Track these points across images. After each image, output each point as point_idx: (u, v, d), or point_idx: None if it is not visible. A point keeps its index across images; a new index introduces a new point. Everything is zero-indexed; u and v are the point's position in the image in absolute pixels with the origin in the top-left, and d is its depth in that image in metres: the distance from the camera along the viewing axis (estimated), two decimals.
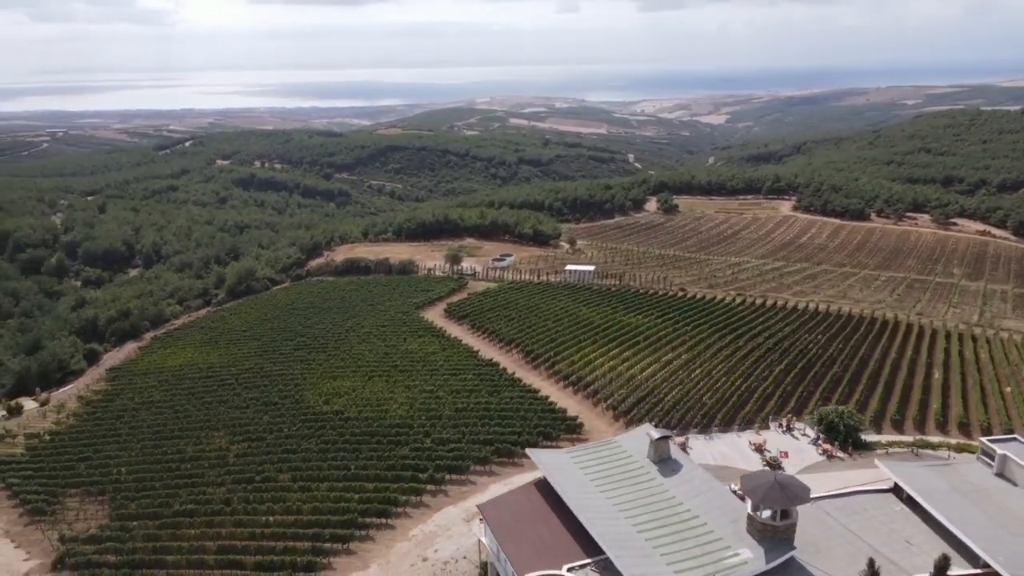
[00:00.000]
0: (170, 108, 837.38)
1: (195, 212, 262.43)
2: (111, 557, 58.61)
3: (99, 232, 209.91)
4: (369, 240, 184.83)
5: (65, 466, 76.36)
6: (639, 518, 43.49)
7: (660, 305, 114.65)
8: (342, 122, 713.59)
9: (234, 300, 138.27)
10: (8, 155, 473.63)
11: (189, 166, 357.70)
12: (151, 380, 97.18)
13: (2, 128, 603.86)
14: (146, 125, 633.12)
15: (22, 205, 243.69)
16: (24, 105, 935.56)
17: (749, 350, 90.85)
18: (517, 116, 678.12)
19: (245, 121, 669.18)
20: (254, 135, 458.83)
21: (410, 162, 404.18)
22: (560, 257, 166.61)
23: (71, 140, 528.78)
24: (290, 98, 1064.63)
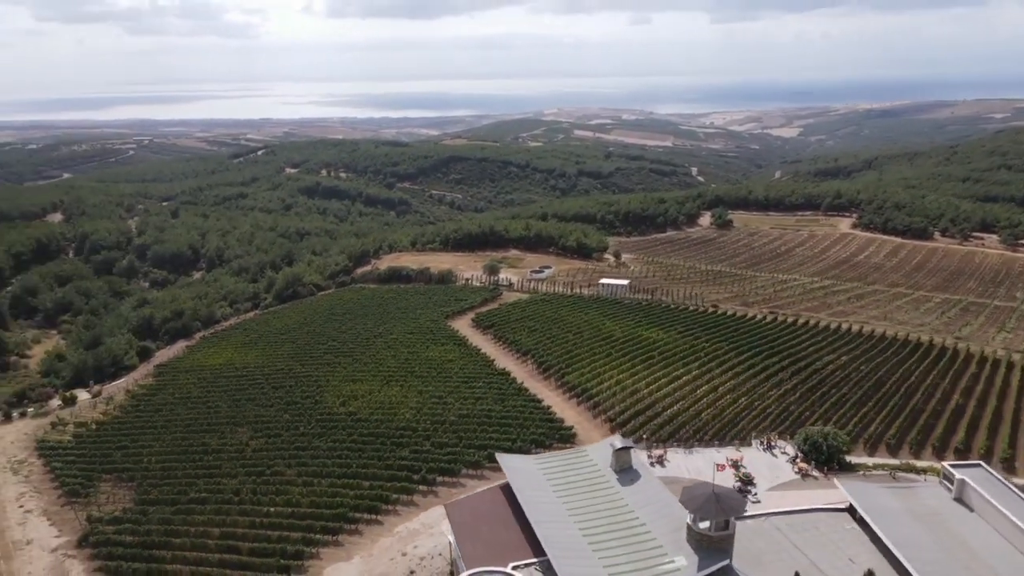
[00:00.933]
0: (249, 118, 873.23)
1: (260, 218, 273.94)
2: (128, 537, 63.94)
3: (168, 236, 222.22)
4: (416, 249, 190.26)
5: (103, 453, 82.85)
6: (588, 523, 45.57)
7: (685, 321, 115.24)
8: (411, 132, 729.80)
9: (281, 304, 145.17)
10: (97, 161, 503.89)
11: (259, 174, 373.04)
12: (192, 377, 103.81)
13: (94, 136, 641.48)
14: (225, 134, 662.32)
15: (102, 209, 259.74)
16: (117, 114, 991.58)
17: (762, 368, 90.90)
18: (582, 128, 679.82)
19: (318, 131, 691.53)
20: (323, 144, 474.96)
21: (471, 172, 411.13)
22: (601, 270, 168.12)
23: (155, 148, 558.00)
24: (363, 108, 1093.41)
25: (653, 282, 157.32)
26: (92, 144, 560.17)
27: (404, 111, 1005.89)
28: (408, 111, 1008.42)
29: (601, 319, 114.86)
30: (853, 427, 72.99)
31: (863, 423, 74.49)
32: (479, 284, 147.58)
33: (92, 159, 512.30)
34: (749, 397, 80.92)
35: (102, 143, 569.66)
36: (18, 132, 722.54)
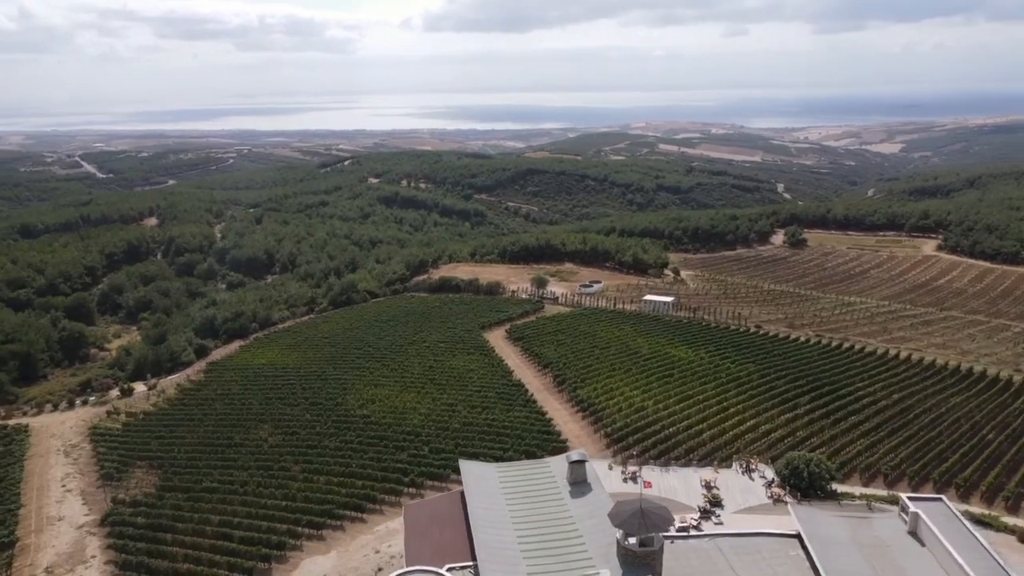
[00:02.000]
0: (344, 129, 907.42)
1: (337, 226, 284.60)
2: (140, 519, 69.27)
3: (247, 241, 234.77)
4: (474, 261, 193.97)
5: (142, 441, 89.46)
6: (527, 531, 46.76)
7: (720, 340, 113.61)
8: (497, 144, 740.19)
9: (334, 309, 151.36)
10: (199, 169, 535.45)
11: (343, 183, 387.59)
12: (236, 375, 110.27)
13: (200, 145, 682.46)
14: (319, 144, 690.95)
15: (192, 214, 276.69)
16: (224, 125, 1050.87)
17: (783, 391, 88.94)
18: (668, 142, 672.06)
19: (407, 142, 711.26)
20: (407, 155, 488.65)
21: (548, 185, 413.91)
22: (654, 287, 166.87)
23: (253, 157, 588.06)
24: (454, 120, 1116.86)
25: (706, 300, 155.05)
26: (197, 153, 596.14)
27: (492, 123, 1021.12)
28: (497, 123, 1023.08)
29: (633, 335, 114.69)
30: (857, 455, 70.69)
31: (866, 451, 72.01)
32: (525, 296, 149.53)
33: (196, 167, 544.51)
34: (757, 420, 79.51)
35: (206, 152, 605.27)
36: (134, 141, 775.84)
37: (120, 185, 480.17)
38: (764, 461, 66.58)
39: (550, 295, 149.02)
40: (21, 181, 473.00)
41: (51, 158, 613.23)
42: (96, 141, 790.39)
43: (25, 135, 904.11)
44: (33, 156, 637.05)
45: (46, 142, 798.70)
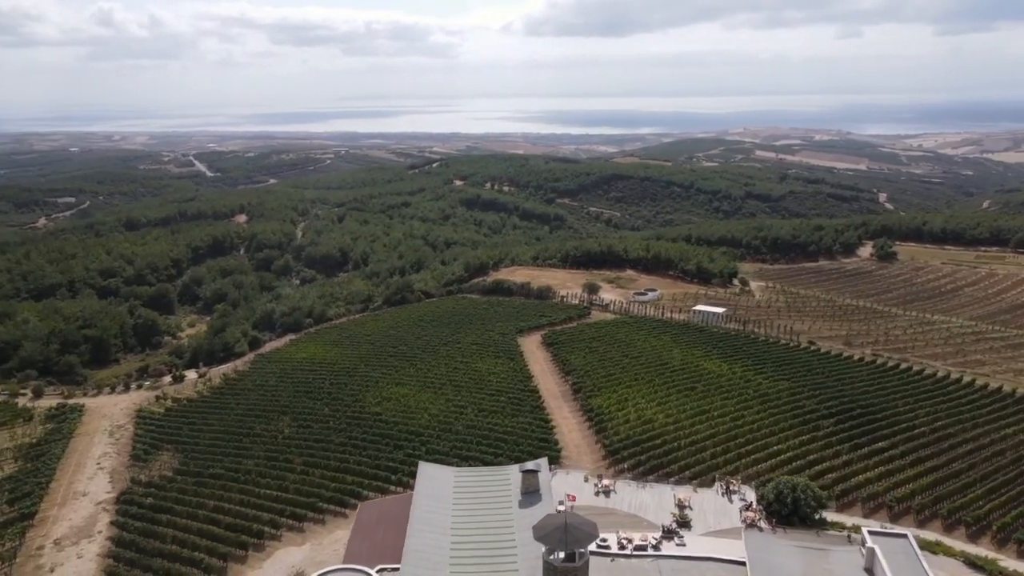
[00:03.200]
0: (440, 131, 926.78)
1: (415, 227, 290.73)
2: (148, 500, 72.92)
3: (323, 239, 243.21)
4: (536, 264, 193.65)
5: (175, 426, 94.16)
6: (464, 538, 46.21)
7: (761, 355, 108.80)
8: (589, 149, 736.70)
9: (388, 307, 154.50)
10: (299, 169, 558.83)
11: (428, 184, 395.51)
12: (276, 368, 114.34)
13: (302, 146, 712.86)
14: (414, 146, 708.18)
15: (278, 212, 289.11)
16: (328, 127, 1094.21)
17: (810, 410, 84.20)
18: (766, 148, 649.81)
19: (500, 145, 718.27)
20: (494, 159, 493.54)
21: (632, 191, 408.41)
22: (716, 297, 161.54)
23: (349, 158, 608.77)
24: (549, 125, 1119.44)
25: (767, 313, 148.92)
26: (297, 153, 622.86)
27: (587, 128, 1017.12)
28: (592, 128, 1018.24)
29: (670, 346, 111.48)
30: (865, 483, 65.96)
31: (878, 480, 66.98)
32: (575, 302, 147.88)
33: (296, 167, 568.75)
34: (769, 439, 75.57)
35: (306, 153, 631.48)
36: (244, 142, 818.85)
37: (225, 183, 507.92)
38: (747, 482, 63.05)
39: (599, 301, 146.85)
40: (138, 178, 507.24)
41: (168, 157, 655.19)
42: (210, 141, 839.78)
43: (149, 135, 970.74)
44: (153, 155, 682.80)
45: (167, 142, 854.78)
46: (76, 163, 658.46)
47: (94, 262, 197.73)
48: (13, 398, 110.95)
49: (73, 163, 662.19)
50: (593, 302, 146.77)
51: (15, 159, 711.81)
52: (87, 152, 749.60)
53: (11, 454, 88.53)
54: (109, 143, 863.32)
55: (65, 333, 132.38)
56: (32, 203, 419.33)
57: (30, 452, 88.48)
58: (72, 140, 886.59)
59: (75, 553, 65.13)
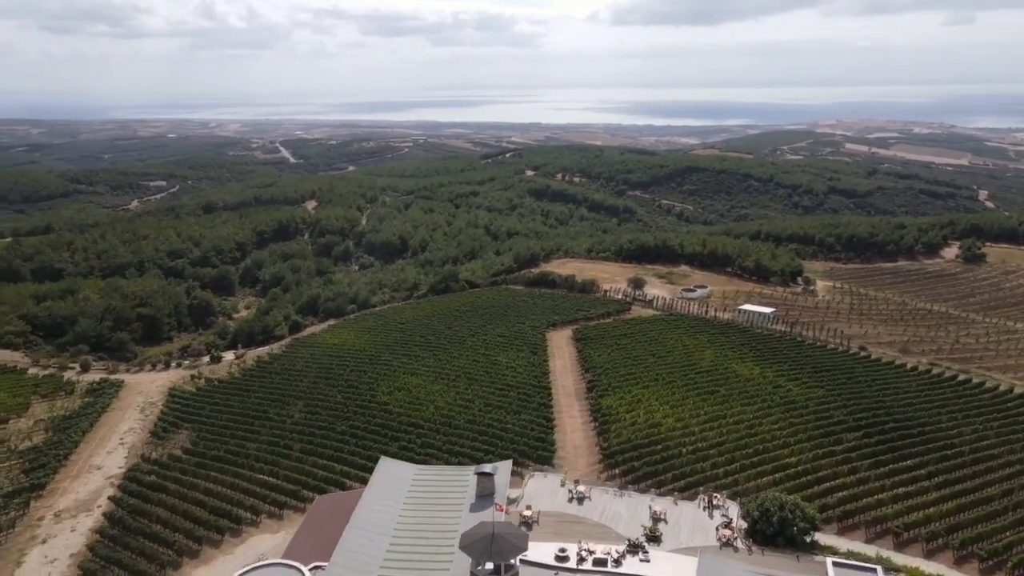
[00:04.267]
0: (519, 121, 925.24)
1: (480, 216, 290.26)
2: (148, 478, 74.52)
3: (385, 227, 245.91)
4: (589, 257, 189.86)
5: (198, 406, 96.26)
6: (404, 539, 44.54)
7: (800, 360, 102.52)
8: (670, 141, 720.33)
9: (433, 296, 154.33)
10: (377, 157, 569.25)
11: (499, 174, 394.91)
12: (307, 352, 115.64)
13: (383, 135, 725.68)
14: (492, 136, 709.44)
15: (346, 199, 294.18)
16: (411, 116, 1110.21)
17: (837, 420, 78.45)
18: (857, 142, 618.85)
19: (578, 136, 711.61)
20: (568, 149, 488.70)
21: (707, 184, 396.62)
22: (773, 296, 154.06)
23: (427, 147, 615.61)
24: (633, 116, 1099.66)
25: (826, 315, 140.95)
26: (377, 142, 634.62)
27: (670, 119, 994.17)
28: (675, 119, 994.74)
29: (703, 346, 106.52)
30: (876, 505, 60.44)
31: (891, 502, 61.17)
32: (619, 297, 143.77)
33: (375, 155, 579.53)
34: (781, 451, 70.56)
35: (386, 141, 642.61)
36: (329, 130, 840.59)
37: (306, 170, 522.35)
38: (737, 497, 58.67)
39: (643, 296, 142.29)
40: (226, 164, 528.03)
41: (256, 144, 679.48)
42: (298, 129, 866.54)
43: (242, 123, 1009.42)
44: (243, 142, 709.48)
45: (258, 129, 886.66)
46: (172, 149, 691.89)
47: (164, 243, 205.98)
48: (61, 371, 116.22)
49: (169, 149, 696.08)
50: (637, 297, 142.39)
51: (118, 144, 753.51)
52: (183, 139, 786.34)
53: (43, 425, 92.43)
54: (205, 130, 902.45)
55: (119, 311, 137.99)
56: (127, 186, 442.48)
57: (60, 424, 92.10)
58: (171, 127, 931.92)
59: (70, 526, 67.07)
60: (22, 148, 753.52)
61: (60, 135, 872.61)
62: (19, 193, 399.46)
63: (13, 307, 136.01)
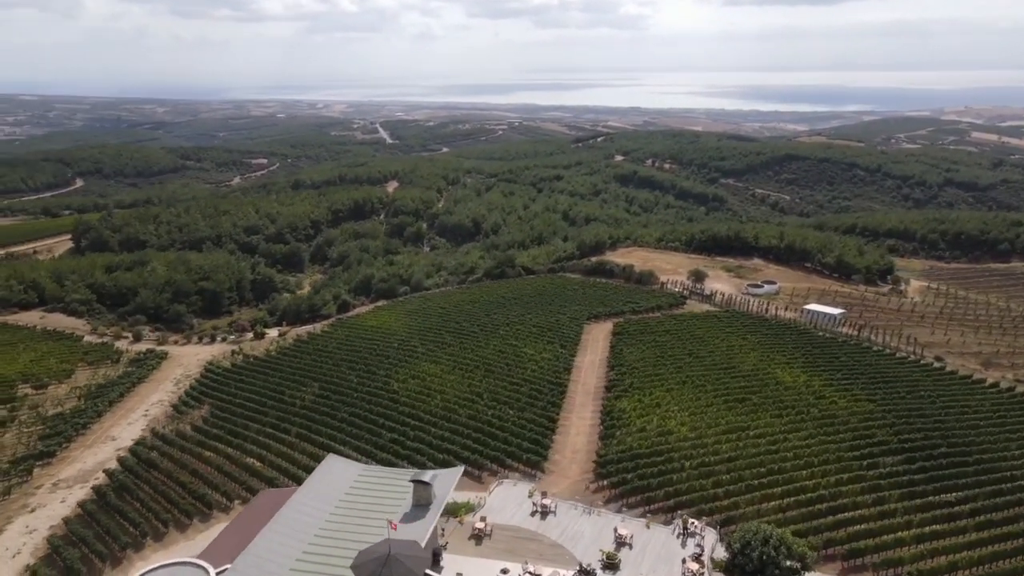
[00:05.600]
0: (618, 105, 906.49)
1: (559, 201, 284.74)
2: (151, 453, 74.82)
3: (459, 209, 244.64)
4: (658, 247, 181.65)
5: (225, 381, 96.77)
6: (321, 547, 41.49)
7: (859, 368, 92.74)
8: (775, 127, 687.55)
9: (488, 281, 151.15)
10: (471, 139, 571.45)
11: (587, 159, 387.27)
12: (344, 333, 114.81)
13: (479, 117, 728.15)
14: (589, 120, 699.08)
15: (427, 180, 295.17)
16: (510, 99, 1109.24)
17: (878, 441, 69.62)
18: (987, 130, 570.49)
19: (677, 121, 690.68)
20: (662, 135, 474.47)
21: (807, 173, 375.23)
22: (855, 296, 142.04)
23: (521, 130, 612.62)
24: (741, 100, 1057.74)
25: (908, 318, 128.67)
26: (473, 124, 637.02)
27: (779, 105, 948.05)
28: (786, 105, 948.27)
29: (750, 348, 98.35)
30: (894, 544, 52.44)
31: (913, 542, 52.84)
32: (677, 290, 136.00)
33: (468, 137, 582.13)
34: (801, 471, 62.94)
35: (481, 124, 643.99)
36: (429, 112, 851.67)
37: (401, 150, 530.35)
38: (715, 524, 52.06)
39: (701, 291, 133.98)
40: (325, 143, 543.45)
41: (357, 124, 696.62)
42: (399, 111, 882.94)
43: (347, 104, 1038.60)
44: (345, 122, 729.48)
45: (361, 110, 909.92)
46: (280, 128, 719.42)
47: (242, 219, 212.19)
48: (115, 340, 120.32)
49: (277, 128, 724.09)
50: (695, 291, 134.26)
51: (231, 123, 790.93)
52: (291, 118, 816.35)
53: (79, 392, 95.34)
54: (312, 111, 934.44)
55: (178, 283, 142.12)
56: (231, 163, 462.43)
57: (94, 392, 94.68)
58: (282, 107, 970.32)
59: (62, 497, 68.01)
60: (147, 125, 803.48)
61: (182, 114, 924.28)
62: (134, 168, 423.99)
63: (82, 276, 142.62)
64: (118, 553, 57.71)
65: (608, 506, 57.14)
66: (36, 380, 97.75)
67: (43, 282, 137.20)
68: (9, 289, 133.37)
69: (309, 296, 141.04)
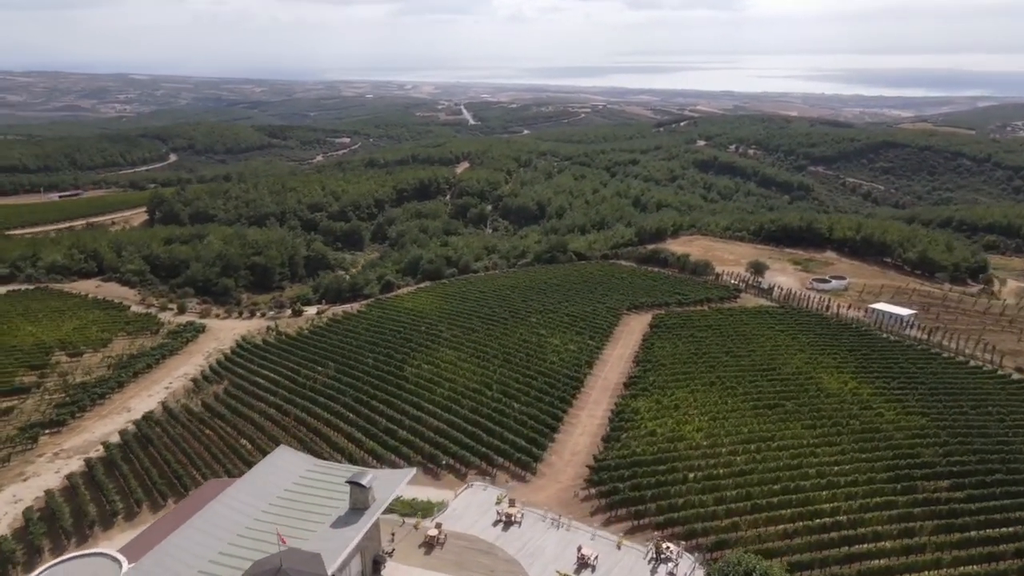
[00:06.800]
0: (709, 89, 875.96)
1: (632, 186, 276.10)
2: (152, 429, 74.16)
3: (525, 191, 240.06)
4: (724, 236, 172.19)
5: (249, 358, 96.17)
6: (242, 547, 38.36)
7: (920, 377, 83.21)
8: (877, 113, 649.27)
9: (537, 265, 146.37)
10: (553, 121, 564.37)
11: (666, 143, 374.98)
12: (378, 313, 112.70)
13: (564, 100, 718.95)
14: (676, 103, 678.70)
15: (499, 161, 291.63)
16: (598, 82, 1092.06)
17: (925, 463, 61.21)
18: None
19: (771, 106, 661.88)
20: (749, 120, 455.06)
21: (905, 162, 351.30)
22: (935, 296, 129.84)
23: (605, 113, 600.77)
24: (846, 85, 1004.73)
25: (999, 322, 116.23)
26: (555, 107, 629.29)
27: (885, 89, 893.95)
28: (892, 89, 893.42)
29: (799, 349, 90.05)
30: None
31: None
32: (733, 282, 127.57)
33: (550, 119, 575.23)
34: (822, 491, 55.69)
35: (564, 106, 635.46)
36: (515, 94, 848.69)
37: (482, 132, 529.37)
38: (695, 549, 45.79)
39: (759, 284, 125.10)
40: (407, 124, 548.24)
41: (442, 106, 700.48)
42: (485, 92, 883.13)
43: (435, 86, 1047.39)
44: (430, 103, 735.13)
45: (448, 92, 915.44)
46: (367, 109, 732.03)
47: (307, 196, 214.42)
48: (160, 311, 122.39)
49: (365, 108, 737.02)
50: (751, 284, 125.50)
51: (322, 103, 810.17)
52: (379, 99, 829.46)
53: (109, 362, 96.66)
54: (401, 92, 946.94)
55: (228, 257, 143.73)
56: (315, 142, 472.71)
57: (123, 363, 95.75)
58: (372, 88, 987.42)
59: (58, 467, 68.09)
60: (244, 104, 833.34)
61: (277, 94, 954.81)
62: (223, 145, 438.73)
63: (139, 247, 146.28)
64: (86, 530, 56.84)
65: (593, 518, 51.91)
66: (72, 348, 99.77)
67: (103, 252, 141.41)
68: (71, 258, 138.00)
69: (353, 275, 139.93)
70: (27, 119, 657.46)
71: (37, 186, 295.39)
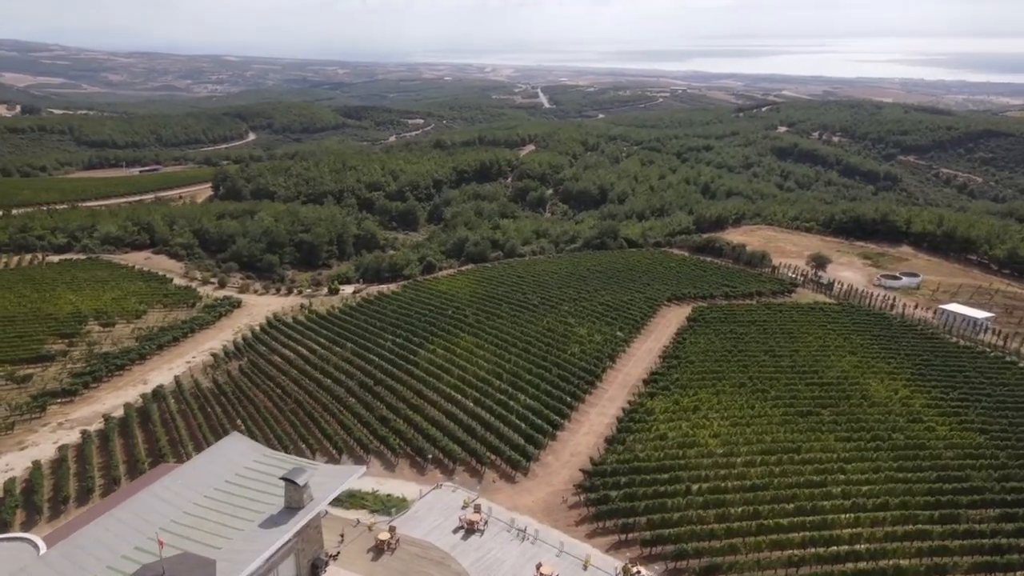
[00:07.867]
0: (798, 74, 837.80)
1: (702, 172, 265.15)
2: (157, 404, 73.16)
3: (587, 175, 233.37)
4: (789, 227, 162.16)
5: (273, 336, 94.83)
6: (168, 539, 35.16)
7: (985, 390, 74.22)
8: (983, 100, 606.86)
9: (586, 251, 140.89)
10: (629, 106, 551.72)
11: (743, 129, 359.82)
12: (411, 295, 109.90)
13: (643, 83, 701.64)
14: (759, 88, 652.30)
15: (565, 144, 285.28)
16: (682, 66, 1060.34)
17: (973, 488, 53.59)
18: None
19: (864, 91, 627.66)
20: (836, 105, 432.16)
21: (1008, 152, 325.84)
22: (1020, 297, 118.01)
23: (683, 97, 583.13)
24: (949, 69, 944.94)
25: None
26: (633, 91, 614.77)
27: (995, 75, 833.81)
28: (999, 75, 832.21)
29: (849, 352, 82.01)
30: None
31: None
32: (791, 275, 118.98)
33: (627, 104, 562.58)
34: (846, 514, 49.07)
35: (642, 91, 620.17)
36: (594, 78, 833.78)
37: (557, 115, 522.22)
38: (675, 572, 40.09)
39: (817, 278, 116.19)
40: (482, 106, 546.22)
41: (518, 89, 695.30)
42: (564, 76, 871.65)
43: (514, 68, 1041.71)
44: (507, 86, 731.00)
45: (527, 75, 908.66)
46: (445, 91, 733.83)
47: (365, 175, 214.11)
48: (203, 285, 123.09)
49: (443, 91, 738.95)
50: (810, 278, 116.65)
51: (402, 85, 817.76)
52: (457, 82, 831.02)
53: (139, 333, 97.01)
54: (480, 74, 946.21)
55: (274, 233, 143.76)
56: (389, 123, 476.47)
57: (152, 335, 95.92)
58: (452, 71, 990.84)
59: (56, 438, 67.66)
60: (327, 85, 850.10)
61: (360, 75, 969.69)
62: (300, 124, 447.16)
63: (190, 221, 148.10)
64: (60, 506, 55.75)
65: (578, 528, 47.08)
66: (107, 318, 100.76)
67: (156, 224, 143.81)
68: (124, 229, 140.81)
69: (393, 255, 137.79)
70: (125, 98, 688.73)
71: (122, 160, 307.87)
